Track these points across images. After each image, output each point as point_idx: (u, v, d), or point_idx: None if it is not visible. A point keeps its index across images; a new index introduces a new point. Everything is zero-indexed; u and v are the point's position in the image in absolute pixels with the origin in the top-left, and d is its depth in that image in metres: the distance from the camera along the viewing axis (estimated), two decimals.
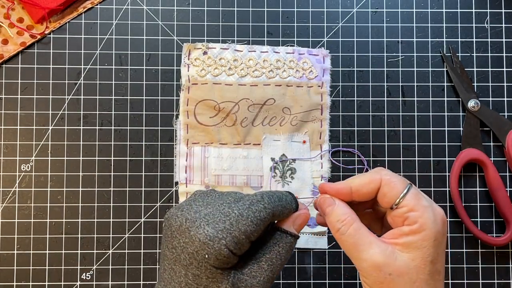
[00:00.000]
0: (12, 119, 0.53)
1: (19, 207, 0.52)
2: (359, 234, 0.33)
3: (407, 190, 0.33)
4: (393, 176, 0.34)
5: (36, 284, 0.51)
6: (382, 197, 0.34)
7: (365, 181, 0.34)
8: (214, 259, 0.32)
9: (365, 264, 0.33)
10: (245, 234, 0.33)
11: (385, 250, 0.33)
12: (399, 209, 0.33)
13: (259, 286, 0.34)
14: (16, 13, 0.53)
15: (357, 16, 0.55)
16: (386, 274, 0.32)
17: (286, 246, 0.35)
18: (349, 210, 0.35)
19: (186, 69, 0.53)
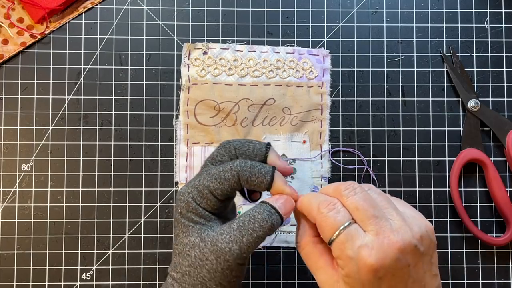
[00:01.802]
0: (12, 119, 0.53)
1: (19, 207, 0.52)
2: (310, 259, 0.36)
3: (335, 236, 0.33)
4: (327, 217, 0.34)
5: (36, 284, 0.51)
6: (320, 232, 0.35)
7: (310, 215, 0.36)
8: (185, 211, 0.37)
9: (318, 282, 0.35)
10: (208, 189, 0.36)
11: (331, 278, 0.34)
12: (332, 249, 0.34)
13: (223, 243, 0.35)
14: (16, 13, 0.53)
15: (357, 16, 0.55)
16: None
17: (263, 214, 0.36)
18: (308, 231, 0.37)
19: (186, 69, 0.53)
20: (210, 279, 0.35)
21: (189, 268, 0.36)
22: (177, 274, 0.36)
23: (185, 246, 0.36)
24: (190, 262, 0.36)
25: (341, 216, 0.34)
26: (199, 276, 0.35)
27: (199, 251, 0.35)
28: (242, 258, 0.35)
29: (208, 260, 0.35)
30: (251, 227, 0.35)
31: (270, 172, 0.37)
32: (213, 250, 0.35)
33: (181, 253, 0.36)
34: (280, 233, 0.52)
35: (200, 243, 0.35)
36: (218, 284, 0.35)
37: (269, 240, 0.52)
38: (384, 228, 0.32)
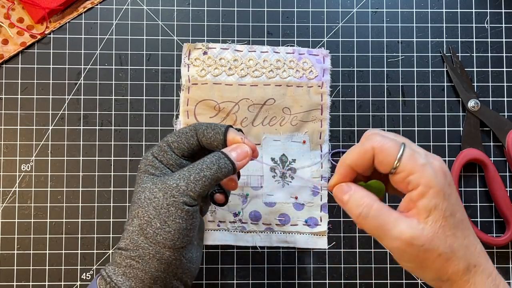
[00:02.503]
0: (12, 119, 0.53)
1: (19, 207, 0.52)
2: (382, 214, 0.32)
3: (402, 152, 0.32)
4: (385, 140, 0.33)
5: (36, 284, 0.51)
6: (378, 165, 0.33)
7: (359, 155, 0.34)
8: (143, 166, 0.39)
9: (396, 243, 0.32)
10: (166, 142, 0.39)
11: (411, 223, 0.32)
12: (397, 174, 0.32)
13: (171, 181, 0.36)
14: (16, 13, 0.53)
15: (357, 16, 0.55)
16: (419, 247, 0.31)
17: (212, 158, 0.38)
18: (366, 193, 0.34)
19: (186, 69, 0.53)
20: (155, 217, 0.36)
21: (138, 209, 0.37)
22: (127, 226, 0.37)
23: (137, 193, 0.38)
24: (139, 204, 0.37)
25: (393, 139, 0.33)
26: (145, 215, 0.36)
27: (149, 192, 0.37)
28: (188, 196, 0.36)
29: (156, 197, 0.36)
30: (199, 167, 0.37)
31: (224, 126, 0.40)
32: (161, 188, 0.36)
33: (133, 200, 0.38)
34: (280, 233, 0.52)
35: (151, 186, 0.37)
36: (163, 222, 0.36)
37: (269, 240, 0.52)
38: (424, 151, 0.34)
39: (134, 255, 0.36)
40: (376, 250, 0.53)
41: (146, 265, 0.36)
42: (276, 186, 0.53)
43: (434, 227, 0.32)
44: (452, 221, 0.32)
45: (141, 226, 0.36)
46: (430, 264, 0.32)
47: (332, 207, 0.53)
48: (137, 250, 0.36)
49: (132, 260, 0.36)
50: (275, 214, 0.52)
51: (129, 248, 0.36)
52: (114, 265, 0.37)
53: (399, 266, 0.52)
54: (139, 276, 0.36)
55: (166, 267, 0.36)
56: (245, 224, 0.52)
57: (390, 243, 0.32)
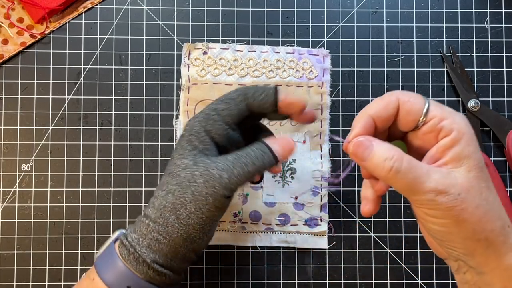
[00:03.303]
0: (12, 119, 0.53)
1: (19, 207, 0.52)
2: (415, 166, 0.30)
3: (428, 102, 0.31)
4: (409, 93, 0.32)
5: (36, 284, 0.51)
6: (405, 116, 0.31)
7: (382, 106, 0.31)
8: (188, 135, 0.37)
9: (430, 195, 0.29)
10: (215, 111, 0.37)
11: (443, 172, 0.29)
12: (428, 123, 0.30)
13: (215, 170, 0.35)
14: (16, 13, 0.53)
15: (357, 16, 0.55)
16: (456, 196, 0.29)
17: (257, 152, 0.36)
18: (391, 145, 0.31)
19: (186, 69, 0.53)
20: (191, 201, 0.35)
21: (176, 186, 0.35)
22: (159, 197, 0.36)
23: (177, 166, 0.36)
24: (179, 181, 0.36)
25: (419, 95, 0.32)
26: (182, 196, 0.35)
27: (189, 173, 0.35)
28: (228, 189, 0.35)
29: (196, 182, 0.35)
30: (243, 161, 0.36)
31: (272, 87, 0.38)
32: (203, 174, 0.35)
33: (171, 172, 0.36)
34: (280, 233, 0.52)
35: (193, 166, 0.36)
36: (198, 208, 0.35)
37: (269, 240, 0.52)
38: None
39: (162, 231, 0.35)
40: (376, 250, 0.53)
41: (172, 242, 0.35)
42: (276, 186, 0.53)
43: (468, 176, 0.29)
44: (485, 173, 0.30)
45: (175, 205, 0.35)
46: (468, 217, 0.29)
47: (332, 207, 0.53)
48: (166, 227, 0.35)
49: (159, 235, 0.35)
50: (275, 214, 0.52)
51: (158, 222, 0.35)
52: (137, 234, 0.36)
53: (399, 266, 0.52)
54: (164, 250, 0.36)
55: (189, 244, 0.36)
56: (245, 224, 0.52)
57: (423, 197, 0.29)
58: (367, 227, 0.53)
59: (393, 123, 0.33)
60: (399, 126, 0.32)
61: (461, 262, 0.32)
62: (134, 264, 0.35)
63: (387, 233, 0.53)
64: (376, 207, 0.35)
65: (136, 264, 0.35)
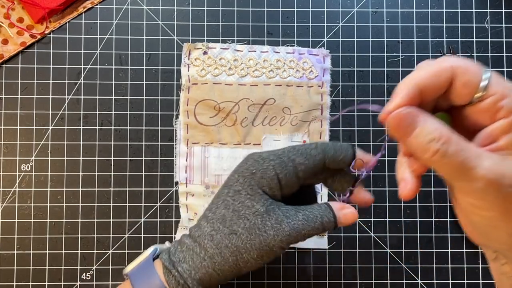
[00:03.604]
0: (12, 119, 0.53)
1: (19, 207, 0.52)
2: (464, 149, 0.25)
3: (491, 73, 0.26)
4: (466, 61, 0.27)
5: (36, 284, 0.51)
6: (460, 88, 0.27)
7: (433, 74, 0.27)
8: (259, 176, 0.35)
9: (479, 183, 0.25)
10: (293, 162, 0.35)
11: (496, 159, 0.25)
12: (485, 100, 0.26)
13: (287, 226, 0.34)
14: (16, 13, 0.53)
15: (357, 16, 0.55)
16: (508, 187, 0.25)
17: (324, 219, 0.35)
18: (439, 122, 0.26)
19: (186, 69, 0.53)
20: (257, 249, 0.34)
21: (244, 231, 0.34)
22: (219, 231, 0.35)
23: (246, 208, 0.34)
24: (248, 226, 0.34)
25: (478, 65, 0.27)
26: (249, 242, 0.34)
27: (261, 221, 0.34)
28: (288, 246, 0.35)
29: (266, 233, 0.34)
30: (311, 226, 0.35)
31: (350, 146, 0.37)
32: (275, 227, 0.34)
33: (238, 211, 0.35)
34: None
35: (265, 214, 0.34)
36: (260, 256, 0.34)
37: None
38: None
39: (218, 269, 0.35)
40: (376, 250, 0.53)
41: (223, 278, 0.35)
42: None
43: None
44: None
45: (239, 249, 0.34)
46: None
47: None
48: (223, 265, 0.34)
49: (214, 271, 0.35)
50: None
51: (216, 259, 0.34)
52: (189, 266, 0.35)
53: (399, 266, 0.52)
54: (214, 284, 0.35)
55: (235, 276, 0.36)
56: None
57: (471, 184, 0.25)
58: (367, 227, 0.53)
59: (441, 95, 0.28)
60: (449, 99, 0.28)
61: (500, 254, 0.30)
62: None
63: (387, 233, 0.53)
64: (417, 188, 0.31)
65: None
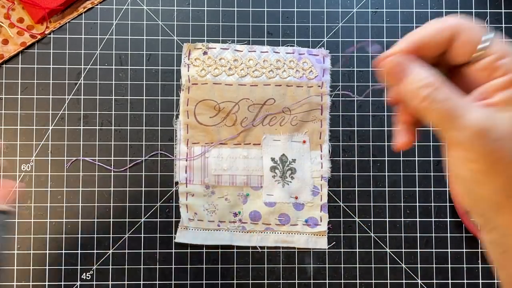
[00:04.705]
0: (12, 119, 0.53)
1: (19, 207, 0.52)
2: (453, 97, 0.26)
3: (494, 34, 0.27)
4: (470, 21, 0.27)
5: (36, 284, 0.51)
6: (461, 46, 0.27)
7: (434, 30, 0.27)
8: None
9: (466, 133, 0.25)
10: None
11: (486, 112, 0.26)
12: (484, 59, 0.27)
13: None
14: (16, 13, 0.53)
15: (357, 16, 0.55)
16: (494, 140, 0.25)
17: None
18: (430, 70, 0.27)
19: (186, 69, 0.53)
20: None
21: None
22: None
23: None
24: None
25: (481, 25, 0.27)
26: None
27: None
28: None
29: None
30: None
31: None
32: None
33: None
34: (280, 233, 0.52)
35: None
36: None
37: (269, 240, 0.52)
38: None
39: None
40: (376, 250, 0.53)
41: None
42: (276, 186, 0.53)
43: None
44: None
45: None
46: (503, 167, 0.26)
47: (332, 207, 0.53)
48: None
49: None
50: (275, 214, 0.52)
51: None
52: None
53: (399, 266, 0.52)
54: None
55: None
56: (245, 224, 0.52)
57: (457, 134, 0.26)
58: (367, 227, 0.53)
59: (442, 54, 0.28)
60: (449, 57, 0.28)
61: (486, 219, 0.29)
62: None
63: (387, 233, 0.53)
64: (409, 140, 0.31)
65: None
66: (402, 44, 0.28)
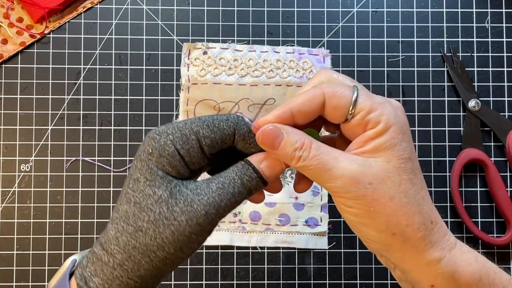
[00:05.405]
0: (12, 119, 0.53)
1: (19, 207, 0.52)
2: (322, 153, 0.28)
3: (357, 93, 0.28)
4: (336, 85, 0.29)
5: (36, 284, 0.51)
6: (332, 111, 0.29)
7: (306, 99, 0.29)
8: (157, 155, 0.30)
9: (339, 182, 0.28)
10: (196, 135, 0.30)
11: (356, 160, 0.28)
12: (355, 117, 0.28)
13: (200, 205, 0.29)
14: (16, 13, 0.53)
15: (357, 16, 0.55)
16: (366, 185, 0.28)
17: (244, 178, 0.30)
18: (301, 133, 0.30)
19: (186, 69, 0.53)
20: (171, 243, 0.29)
21: (148, 224, 0.29)
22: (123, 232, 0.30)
23: (147, 197, 0.29)
24: (152, 218, 0.29)
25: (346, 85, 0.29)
26: (158, 236, 0.29)
27: (166, 208, 0.29)
28: (214, 224, 0.30)
29: (176, 220, 0.29)
30: (230, 192, 0.30)
31: None
32: (185, 211, 0.29)
33: (139, 204, 0.30)
34: (280, 233, 0.52)
35: (169, 199, 0.29)
36: (178, 248, 0.29)
37: (269, 240, 0.52)
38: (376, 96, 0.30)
39: (133, 275, 0.30)
40: None
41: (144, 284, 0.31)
42: None
43: (386, 167, 0.28)
44: (410, 165, 0.28)
45: (149, 247, 0.29)
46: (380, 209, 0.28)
47: (333, 207, 0.53)
48: (137, 271, 0.30)
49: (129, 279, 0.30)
50: (275, 214, 0.52)
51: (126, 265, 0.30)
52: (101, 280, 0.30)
53: None
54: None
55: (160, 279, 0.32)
56: (245, 224, 0.52)
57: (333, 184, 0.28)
58: None
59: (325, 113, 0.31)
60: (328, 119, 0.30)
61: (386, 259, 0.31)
62: None
63: None
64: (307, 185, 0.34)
65: None
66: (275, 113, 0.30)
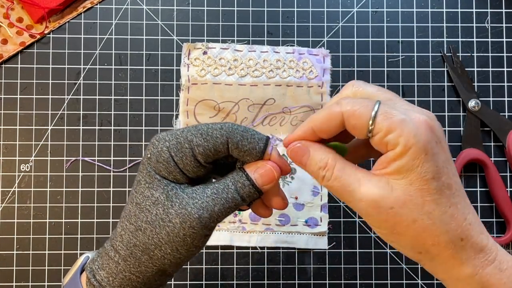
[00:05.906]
0: (12, 119, 0.53)
1: (19, 207, 0.52)
2: (346, 175, 0.29)
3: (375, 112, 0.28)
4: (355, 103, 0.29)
5: (36, 284, 0.51)
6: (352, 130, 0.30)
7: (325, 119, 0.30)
8: (155, 161, 0.32)
9: (362, 205, 0.29)
10: (190, 143, 0.31)
11: (378, 183, 0.28)
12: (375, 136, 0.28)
13: (193, 209, 0.31)
14: (16, 13, 0.53)
15: (357, 16, 0.55)
16: (387, 209, 0.28)
17: (237, 184, 0.32)
18: (326, 152, 0.31)
19: (186, 69, 0.53)
20: (167, 243, 0.31)
21: (147, 225, 0.32)
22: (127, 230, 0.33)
23: (146, 199, 0.32)
24: (150, 218, 0.32)
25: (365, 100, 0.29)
26: (155, 236, 0.31)
27: (162, 210, 0.31)
28: (209, 228, 0.32)
29: (171, 222, 0.31)
30: (224, 197, 0.32)
31: (263, 139, 0.32)
32: (180, 213, 0.31)
33: (139, 204, 0.32)
34: (280, 233, 0.52)
35: (166, 201, 0.32)
36: (175, 249, 0.32)
37: (269, 240, 0.52)
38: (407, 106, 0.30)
39: (134, 270, 0.32)
40: (376, 251, 0.52)
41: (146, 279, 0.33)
42: None
43: (408, 189, 0.28)
44: (434, 185, 0.28)
45: (147, 246, 0.32)
46: (404, 231, 0.28)
47: (333, 207, 0.53)
48: (139, 266, 0.32)
49: (131, 274, 0.32)
50: (275, 214, 0.52)
51: (129, 261, 0.32)
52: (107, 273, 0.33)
53: (400, 266, 0.52)
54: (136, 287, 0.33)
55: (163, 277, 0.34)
56: (245, 224, 0.52)
57: (356, 205, 0.29)
58: (367, 227, 0.53)
59: None
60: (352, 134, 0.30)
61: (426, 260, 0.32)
62: None
63: None
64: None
65: None
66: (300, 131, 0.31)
